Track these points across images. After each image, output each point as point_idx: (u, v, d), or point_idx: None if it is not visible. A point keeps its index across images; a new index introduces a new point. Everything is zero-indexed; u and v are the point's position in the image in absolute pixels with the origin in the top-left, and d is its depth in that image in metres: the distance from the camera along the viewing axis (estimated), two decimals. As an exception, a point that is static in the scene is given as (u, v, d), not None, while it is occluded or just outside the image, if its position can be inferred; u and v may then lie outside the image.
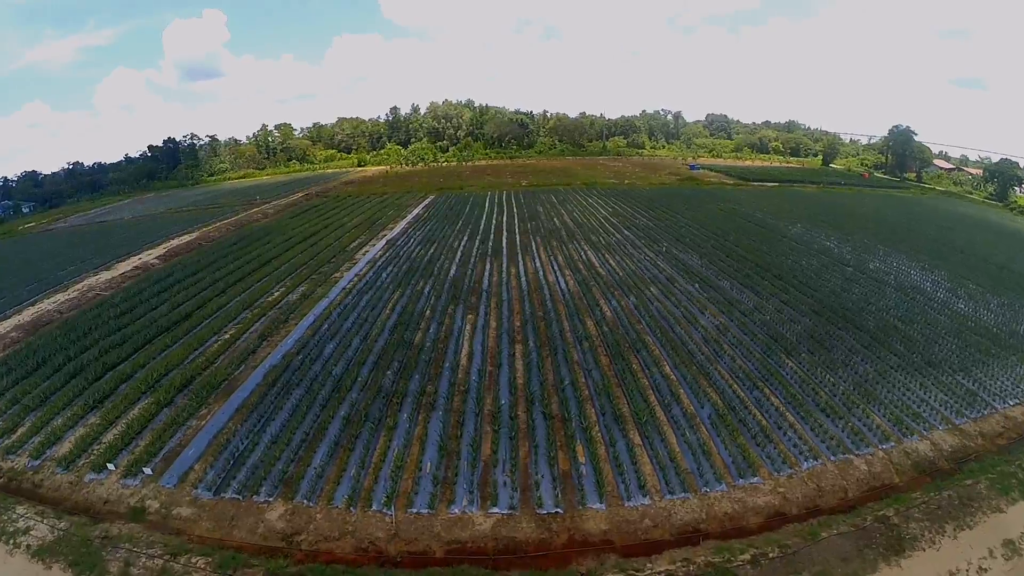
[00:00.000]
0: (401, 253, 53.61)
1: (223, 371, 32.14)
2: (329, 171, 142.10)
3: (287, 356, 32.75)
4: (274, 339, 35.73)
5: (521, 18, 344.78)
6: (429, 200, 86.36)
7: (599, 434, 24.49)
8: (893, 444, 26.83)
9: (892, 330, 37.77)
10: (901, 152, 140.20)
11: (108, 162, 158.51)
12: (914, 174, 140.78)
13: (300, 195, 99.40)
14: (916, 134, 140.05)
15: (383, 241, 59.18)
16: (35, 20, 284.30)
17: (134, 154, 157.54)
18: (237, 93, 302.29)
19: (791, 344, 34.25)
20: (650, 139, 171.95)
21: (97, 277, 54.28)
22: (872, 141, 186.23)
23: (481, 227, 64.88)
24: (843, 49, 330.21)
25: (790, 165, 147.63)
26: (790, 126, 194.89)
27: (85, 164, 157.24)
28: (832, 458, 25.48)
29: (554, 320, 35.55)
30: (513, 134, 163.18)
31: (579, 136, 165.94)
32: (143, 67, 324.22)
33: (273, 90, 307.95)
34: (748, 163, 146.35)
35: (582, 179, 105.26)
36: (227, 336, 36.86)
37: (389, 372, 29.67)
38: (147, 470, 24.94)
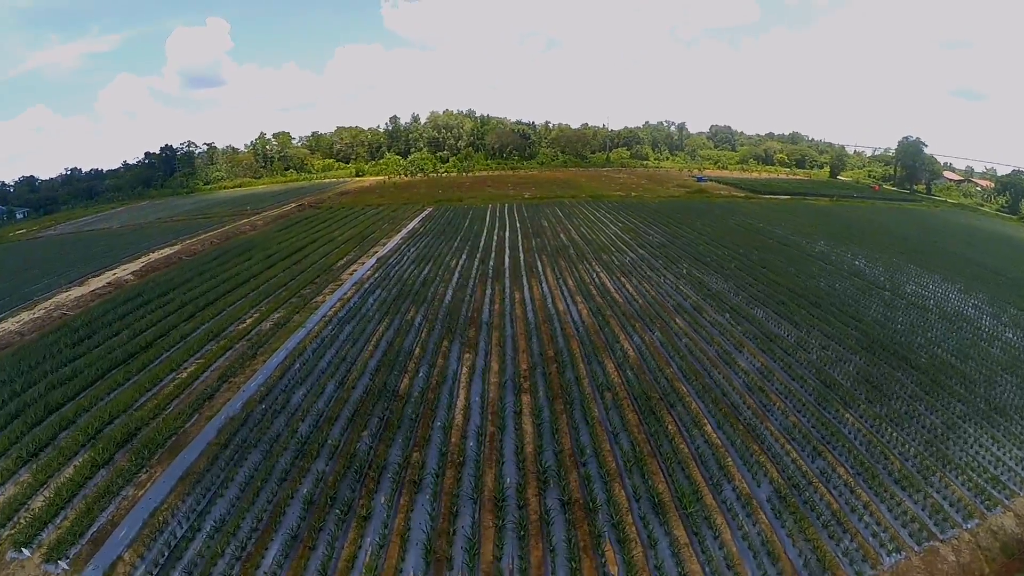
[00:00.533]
0: (392, 273, 47.84)
1: (172, 422, 26.39)
2: (326, 181, 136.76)
3: (248, 404, 26.97)
4: (236, 380, 29.96)
5: (523, 30, 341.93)
6: (427, 213, 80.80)
7: (634, 528, 18.62)
8: (977, 522, 21.87)
9: (948, 368, 32.85)
10: (911, 164, 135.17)
11: (106, 168, 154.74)
12: (923, 186, 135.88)
13: (293, 205, 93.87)
14: (926, 145, 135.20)
15: (373, 259, 53.44)
16: (40, 24, 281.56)
17: (133, 161, 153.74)
18: (239, 101, 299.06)
19: (847, 392, 28.70)
20: (654, 151, 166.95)
21: (68, 293, 48.96)
22: (876, 152, 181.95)
23: (481, 243, 59.17)
24: (844, 61, 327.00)
25: (797, 177, 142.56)
26: (794, 137, 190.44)
27: (83, 170, 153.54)
28: (916, 548, 20.21)
29: (568, 363, 29.64)
30: (515, 145, 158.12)
31: (582, 147, 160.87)
32: (146, 74, 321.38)
33: (275, 99, 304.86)
34: (755, 175, 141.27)
35: (587, 191, 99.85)
36: (185, 374, 31.14)
37: (365, 433, 23.76)
38: (63, 564, 19.50)
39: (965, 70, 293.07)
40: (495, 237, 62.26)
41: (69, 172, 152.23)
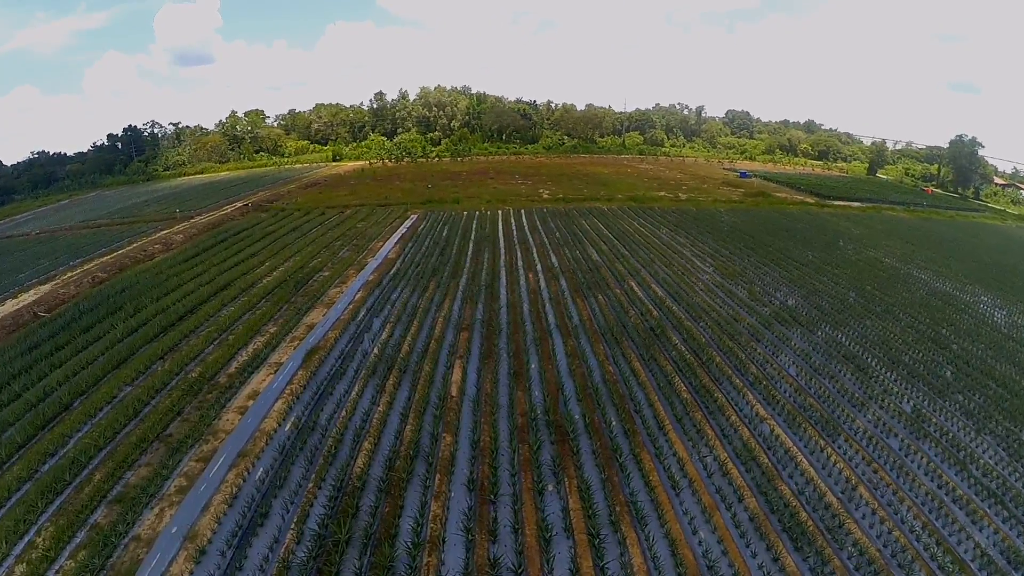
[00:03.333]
0: (321, 424, 20.01)
1: None
2: (297, 166, 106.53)
3: None
4: None
5: (516, 8, 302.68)
6: (409, 224, 52.50)
7: None
8: None
9: None
10: (965, 167, 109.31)
11: (72, 152, 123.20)
12: (972, 191, 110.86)
13: (237, 206, 65.07)
14: (982, 147, 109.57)
15: (300, 352, 25.40)
16: (26, 2, 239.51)
17: (99, 143, 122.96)
18: (228, 80, 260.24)
19: None
20: (668, 135, 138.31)
21: None
22: (897, 146, 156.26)
23: (502, 309, 31.04)
24: (846, 50, 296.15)
25: (836, 174, 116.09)
26: (809, 126, 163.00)
27: (50, 153, 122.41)
28: None
29: None
30: (515, 126, 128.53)
31: (592, 130, 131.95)
32: (134, 52, 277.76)
33: (265, 77, 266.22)
34: (788, 168, 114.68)
35: (622, 190, 71.79)
36: None
37: None
38: None
39: (959, 63, 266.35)
40: (522, 287, 34.66)
41: (37, 156, 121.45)
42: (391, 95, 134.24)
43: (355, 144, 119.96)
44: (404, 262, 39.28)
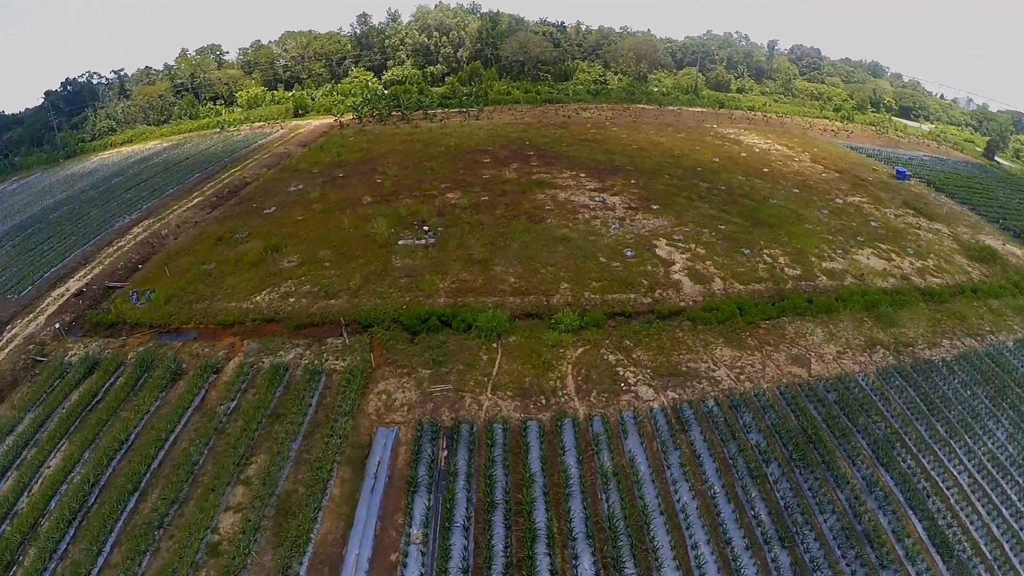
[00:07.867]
0: None
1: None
2: (243, 129, 67.03)
3: None
4: None
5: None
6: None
7: None
8: None
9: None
10: None
11: (18, 111, 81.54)
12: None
13: (73, 293, 30.81)
14: None
15: None
16: None
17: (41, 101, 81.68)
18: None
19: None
20: (731, 74, 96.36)
21: None
22: (975, 105, 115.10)
23: None
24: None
25: (954, 154, 79.43)
26: (875, 69, 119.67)
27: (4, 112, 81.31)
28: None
29: None
30: (543, 57, 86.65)
31: (640, 64, 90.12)
32: None
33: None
34: (900, 142, 77.86)
35: (795, 235, 35.24)
36: None
37: None
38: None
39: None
40: None
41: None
42: (379, 18, 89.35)
43: (329, 87, 78.15)
44: None
